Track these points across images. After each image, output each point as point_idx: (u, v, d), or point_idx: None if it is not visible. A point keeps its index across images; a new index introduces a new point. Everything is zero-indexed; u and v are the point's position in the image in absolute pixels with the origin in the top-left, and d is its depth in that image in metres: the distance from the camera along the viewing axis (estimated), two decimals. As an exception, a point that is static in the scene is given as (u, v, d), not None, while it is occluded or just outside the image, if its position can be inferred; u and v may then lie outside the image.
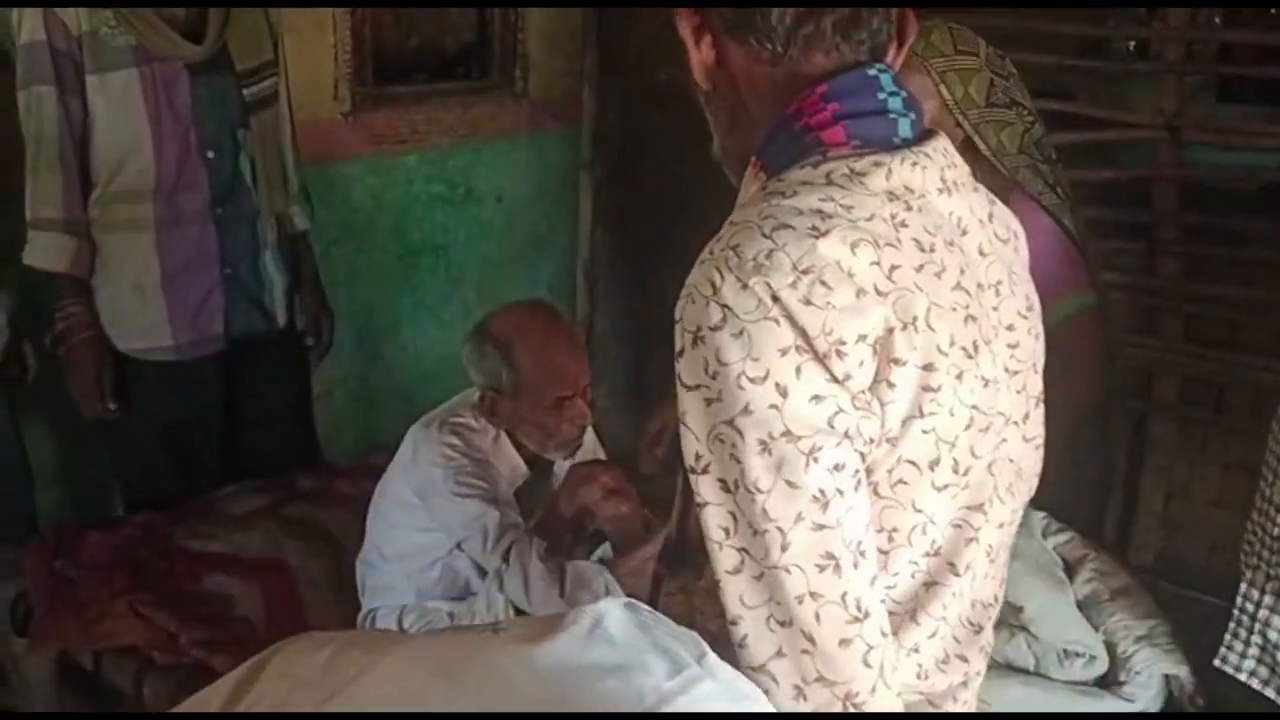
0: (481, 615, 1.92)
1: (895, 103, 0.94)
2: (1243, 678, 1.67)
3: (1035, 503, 1.24)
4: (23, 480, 2.43)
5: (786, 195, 0.90)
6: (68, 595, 2.06)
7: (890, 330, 0.86)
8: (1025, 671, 1.81)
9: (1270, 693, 1.65)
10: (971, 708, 1.05)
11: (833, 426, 0.85)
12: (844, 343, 0.84)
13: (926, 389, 0.88)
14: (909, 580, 0.94)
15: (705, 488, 0.88)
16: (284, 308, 2.53)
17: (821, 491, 0.85)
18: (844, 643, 0.87)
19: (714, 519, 0.88)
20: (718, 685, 0.81)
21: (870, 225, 0.88)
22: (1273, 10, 3.50)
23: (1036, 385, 1.04)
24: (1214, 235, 2.93)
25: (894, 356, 0.86)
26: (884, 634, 0.89)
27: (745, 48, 0.95)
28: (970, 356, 0.91)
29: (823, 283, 0.84)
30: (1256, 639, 1.65)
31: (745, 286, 0.85)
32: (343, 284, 3.25)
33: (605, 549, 2.07)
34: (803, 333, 0.84)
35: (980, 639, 1.02)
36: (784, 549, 0.85)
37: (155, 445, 2.36)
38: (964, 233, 0.96)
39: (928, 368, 0.87)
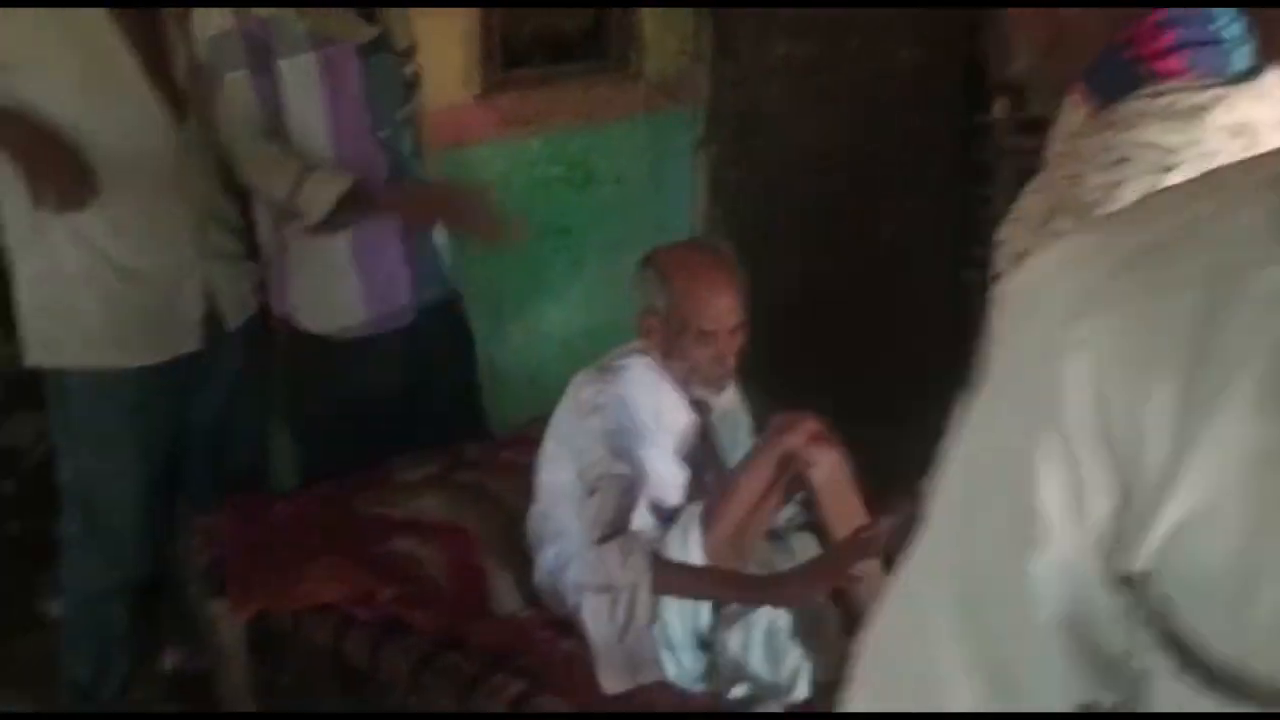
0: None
1: (1234, 29, 0.90)
2: None
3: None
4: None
5: (1122, 128, 0.88)
6: (264, 559, 2.13)
7: None
8: None
9: None
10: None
11: None
12: None
13: None
14: None
15: None
16: (453, 275, 2.60)
17: None
18: None
19: None
20: None
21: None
22: None
23: None
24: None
25: None
26: None
27: None
28: None
29: None
30: None
31: None
32: (474, 265, 3.31)
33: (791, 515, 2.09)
34: None
35: None
36: None
37: (339, 421, 2.42)
38: None
39: None
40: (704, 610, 1.90)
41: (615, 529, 1.84)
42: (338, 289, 2.35)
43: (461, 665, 1.89)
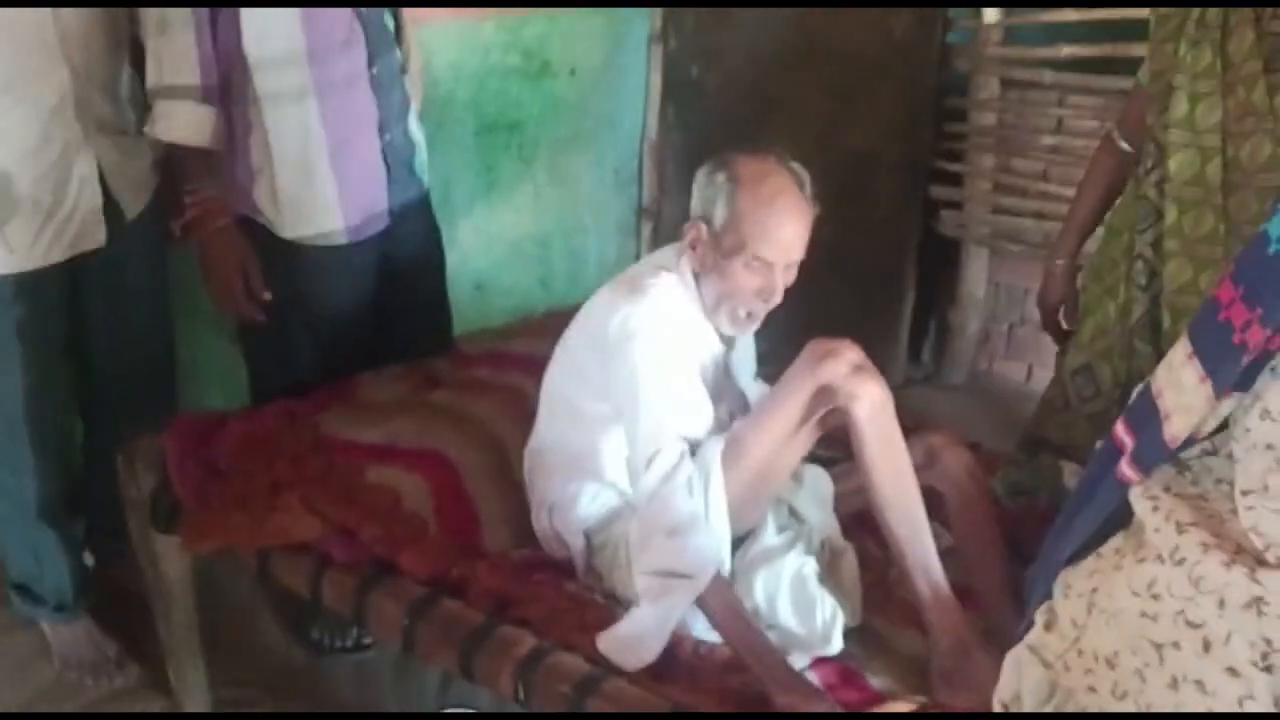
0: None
1: None
2: None
3: None
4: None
5: None
6: (222, 490, 1.87)
7: None
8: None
9: None
10: None
11: None
12: None
13: None
14: None
15: None
16: (427, 172, 2.32)
17: None
18: None
19: None
20: None
21: None
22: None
23: None
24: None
25: None
26: None
27: None
28: None
29: None
30: None
31: None
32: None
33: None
34: None
35: None
36: None
37: (305, 336, 2.17)
38: None
39: None
40: (725, 555, 1.73)
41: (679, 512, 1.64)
42: (316, 190, 2.07)
43: (461, 615, 1.69)
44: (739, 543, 1.80)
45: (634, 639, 1.60)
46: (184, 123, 1.98)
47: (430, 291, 2.41)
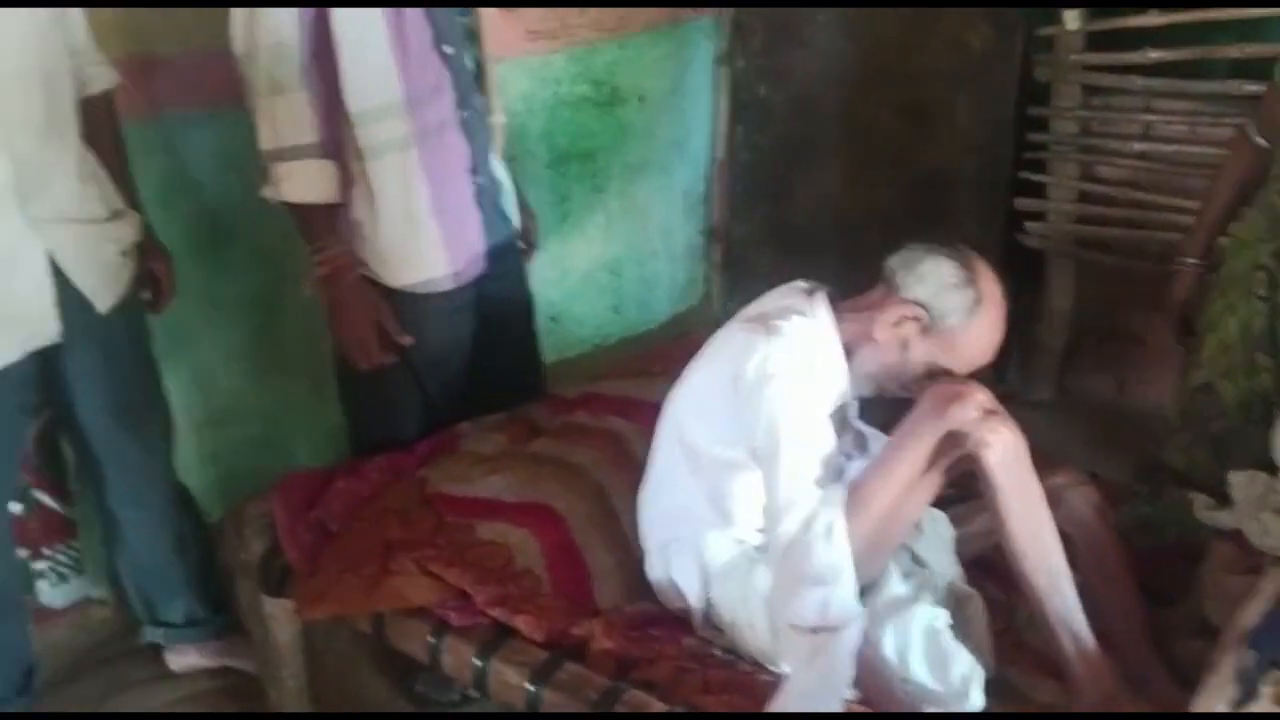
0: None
1: None
2: None
3: None
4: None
5: None
6: (333, 551, 1.85)
7: None
8: None
9: None
10: None
11: None
12: None
13: None
14: None
15: None
16: (515, 211, 2.30)
17: None
18: None
19: None
20: None
21: None
22: None
23: None
24: None
25: None
26: None
27: None
28: None
29: None
30: None
31: None
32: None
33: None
34: None
35: None
36: None
37: (408, 383, 2.14)
38: None
39: None
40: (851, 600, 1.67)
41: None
42: (420, 238, 2.06)
43: (586, 679, 1.65)
44: (863, 594, 1.74)
45: (806, 707, 1.54)
46: (309, 181, 1.95)
47: (523, 330, 2.40)
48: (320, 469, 2.10)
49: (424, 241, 2.06)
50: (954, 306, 1.71)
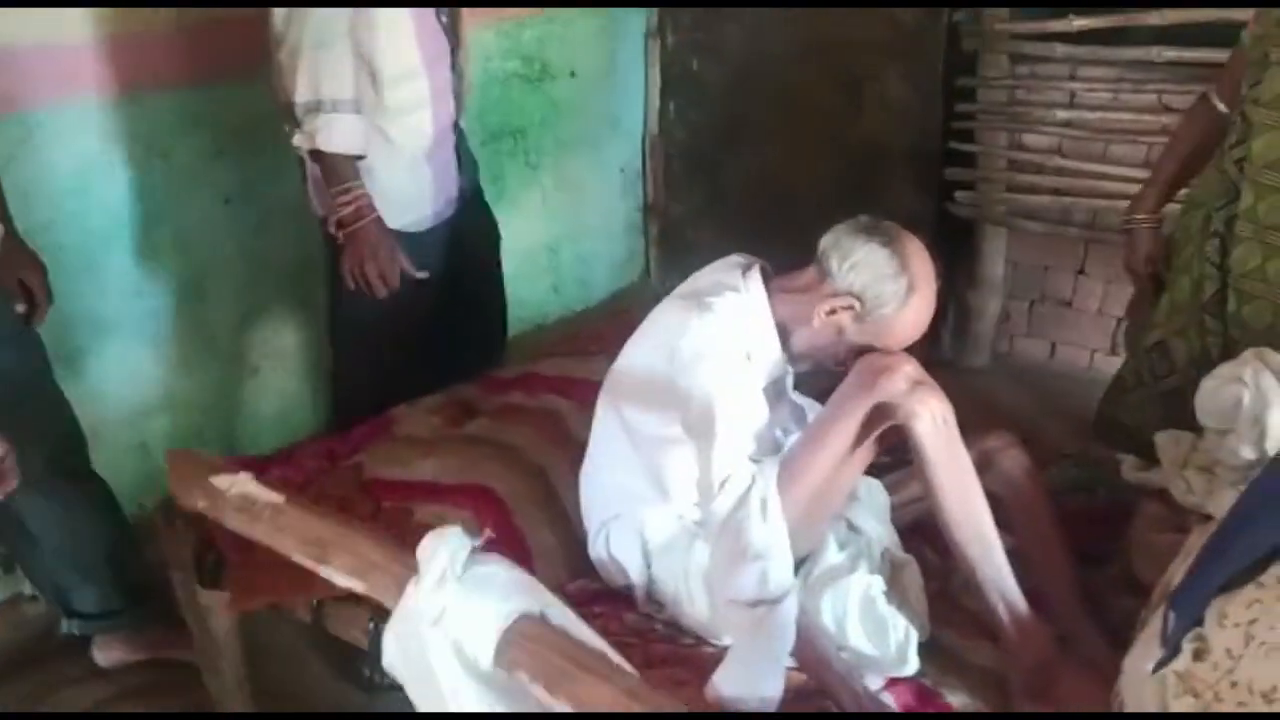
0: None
1: None
2: None
3: None
4: None
5: None
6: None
7: None
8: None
9: None
10: None
11: None
12: None
13: None
14: None
15: None
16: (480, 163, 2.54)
17: None
18: None
19: None
20: None
21: None
22: None
23: None
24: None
25: None
26: None
27: None
28: None
29: None
30: None
31: None
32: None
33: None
34: None
35: None
36: None
37: (390, 315, 2.28)
38: None
39: None
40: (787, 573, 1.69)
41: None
42: (417, 185, 2.29)
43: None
44: (799, 565, 1.76)
45: (750, 679, 1.55)
46: (344, 133, 2.10)
47: (492, 261, 2.65)
48: (253, 458, 2.07)
49: (420, 186, 2.28)
50: (889, 295, 1.71)
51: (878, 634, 1.68)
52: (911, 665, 1.66)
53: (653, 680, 1.58)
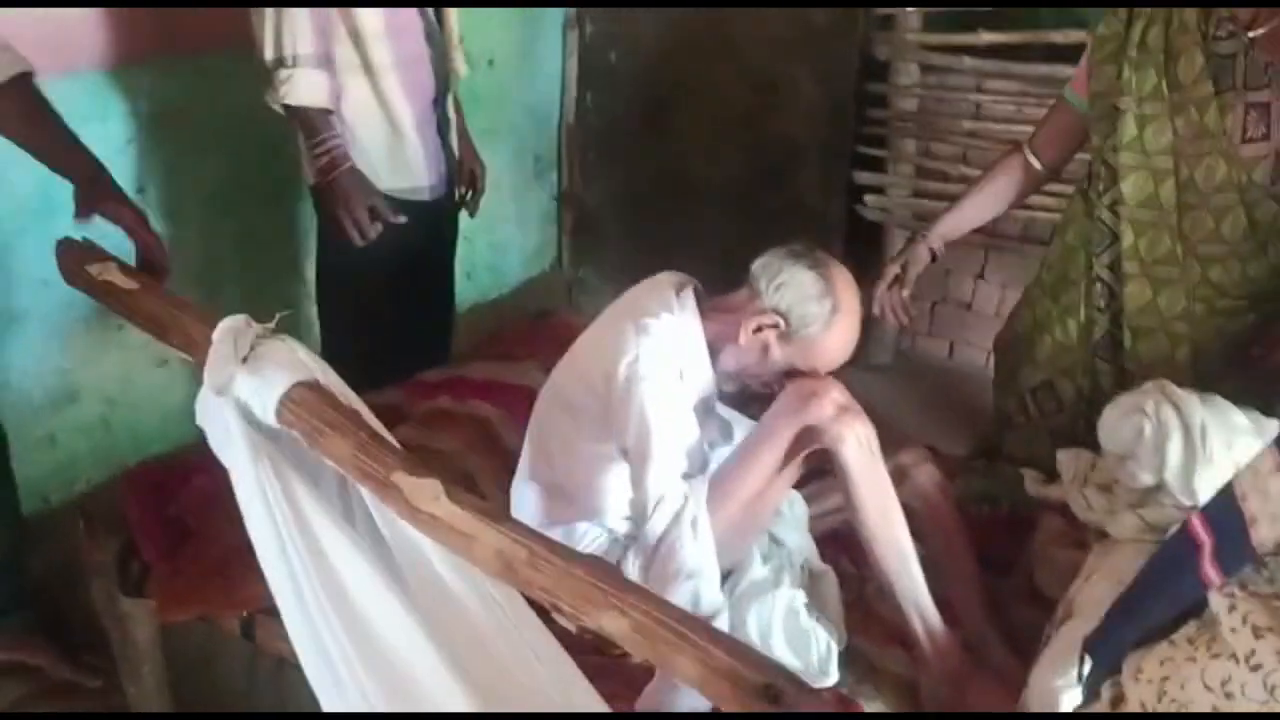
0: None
1: None
2: None
3: None
4: None
5: None
6: (194, 551, 1.81)
7: None
8: None
9: None
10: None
11: None
12: None
13: None
14: None
15: None
16: (458, 151, 2.59)
17: None
18: None
19: None
20: None
21: None
22: None
23: None
24: None
25: None
26: None
27: None
28: None
29: None
30: None
31: None
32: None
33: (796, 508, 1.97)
34: None
35: None
36: None
37: (386, 287, 2.44)
38: None
39: None
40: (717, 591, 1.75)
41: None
42: (406, 150, 2.40)
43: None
44: (724, 579, 1.81)
45: (680, 694, 1.60)
46: (308, 86, 2.22)
47: (450, 257, 2.77)
48: (171, 458, 2.05)
49: (409, 153, 2.39)
50: (813, 316, 1.78)
51: (801, 646, 1.75)
52: (832, 676, 1.74)
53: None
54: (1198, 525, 1.26)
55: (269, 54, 2.20)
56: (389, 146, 2.37)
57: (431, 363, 2.54)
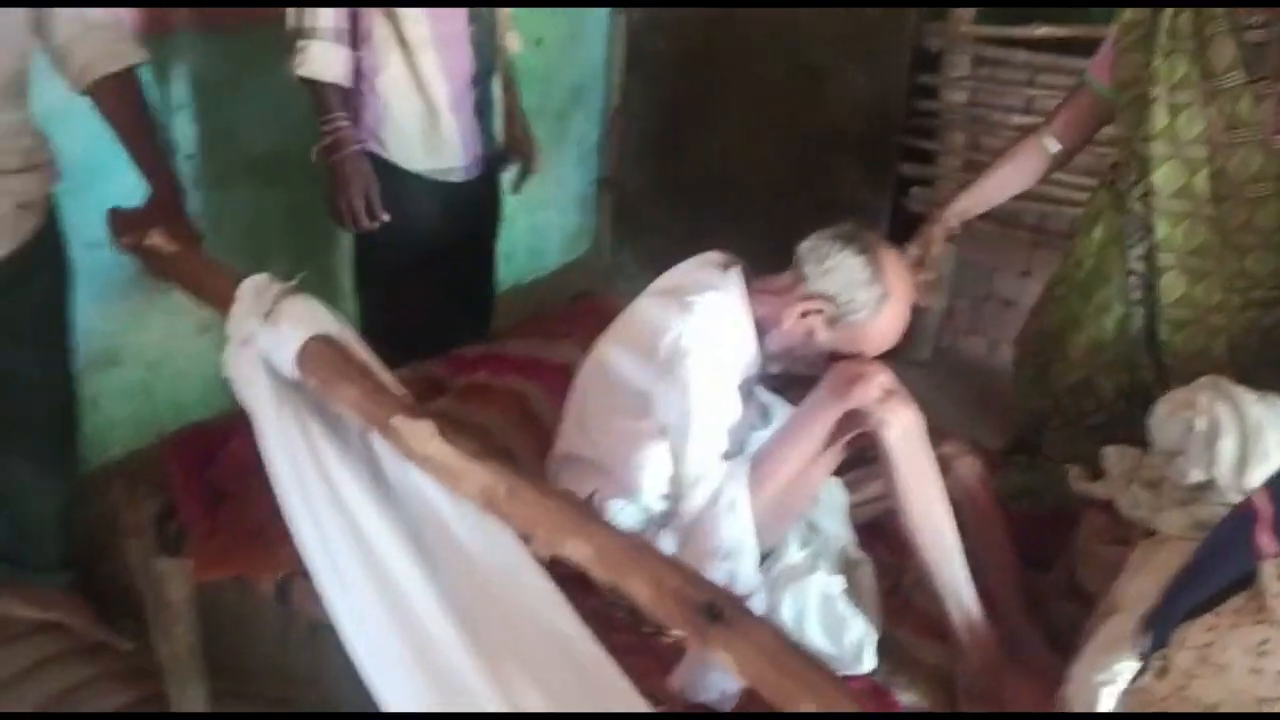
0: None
1: None
2: None
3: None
4: None
5: None
6: (231, 514, 1.82)
7: None
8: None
9: None
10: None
11: None
12: None
13: None
14: None
15: None
16: (502, 131, 2.55)
17: None
18: None
19: None
20: None
21: None
22: None
23: None
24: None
25: None
26: None
27: None
28: None
29: None
30: None
31: None
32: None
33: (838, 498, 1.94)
34: None
35: None
36: None
37: (415, 261, 2.41)
38: None
39: None
40: (754, 572, 1.73)
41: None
42: (440, 130, 2.37)
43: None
44: (761, 562, 1.80)
45: (712, 673, 1.59)
46: (321, 59, 2.21)
47: (492, 237, 2.73)
48: (213, 422, 2.05)
49: (444, 133, 2.37)
50: (861, 302, 1.76)
51: (836, 632, 1.73)
52: (868, 664, 1.72)
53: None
54: (1261, 497, 1.25)
55: (291, 23, 2.22)
56: (424, 125, 2.35)
57: (469, 342, 2.53)
